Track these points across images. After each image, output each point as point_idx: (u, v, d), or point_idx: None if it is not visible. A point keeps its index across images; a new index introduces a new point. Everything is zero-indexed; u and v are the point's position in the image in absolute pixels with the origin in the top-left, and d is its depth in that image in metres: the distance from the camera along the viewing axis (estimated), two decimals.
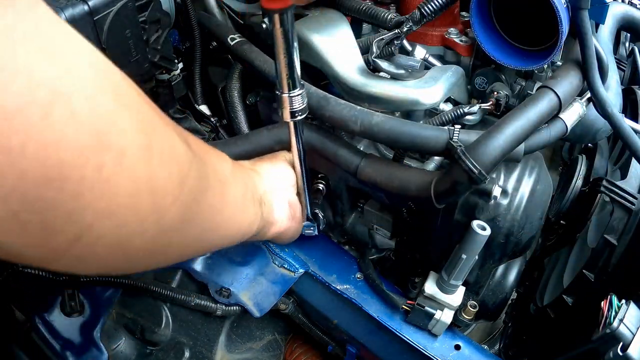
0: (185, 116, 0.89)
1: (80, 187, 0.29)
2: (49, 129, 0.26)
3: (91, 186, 0.29)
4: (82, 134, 0.28)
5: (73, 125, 0.27)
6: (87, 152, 0.28)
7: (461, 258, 0.68)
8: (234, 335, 1.03)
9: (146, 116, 0.36)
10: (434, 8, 0.71)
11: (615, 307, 0.62)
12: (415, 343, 0.78)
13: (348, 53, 0.75)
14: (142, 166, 0.34)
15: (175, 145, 0.39)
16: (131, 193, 0.33)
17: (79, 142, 0.28)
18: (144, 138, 0.34)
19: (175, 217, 0.39)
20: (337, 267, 0.89)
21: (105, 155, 0.30)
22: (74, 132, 0.28)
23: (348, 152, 0.71)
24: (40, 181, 0.27)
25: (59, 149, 0.27)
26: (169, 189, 0.37)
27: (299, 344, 1.13)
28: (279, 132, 0.73)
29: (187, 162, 0.41)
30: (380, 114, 0.66)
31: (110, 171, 0.30)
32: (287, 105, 0.57)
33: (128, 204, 0.33)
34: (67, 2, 0.60)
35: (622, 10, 0.87)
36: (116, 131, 0.31)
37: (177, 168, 0.39)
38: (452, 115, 0.71)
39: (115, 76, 0.34)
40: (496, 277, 0.86)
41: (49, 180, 0.27)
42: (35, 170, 0.26)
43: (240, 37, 0.80)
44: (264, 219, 0.65)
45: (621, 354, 0.59)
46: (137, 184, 0.33)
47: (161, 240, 0.40)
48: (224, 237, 0.56)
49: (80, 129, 0.28)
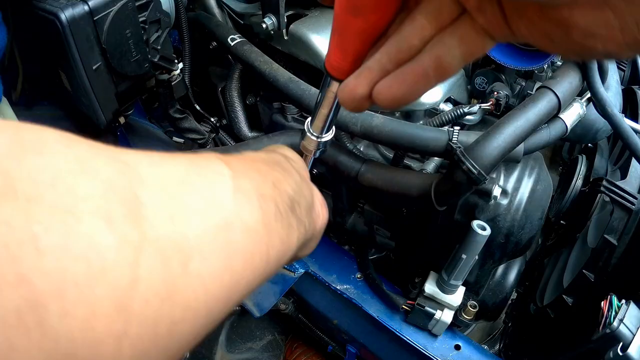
0: (185, 116, 0.89)
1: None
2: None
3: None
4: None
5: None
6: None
7: (461, 258, 0.68)
8: (234, 335, 1.03)
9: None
10: None
11: (615, 307, 0.62)
12: (415, 343, 0.78)
13: None
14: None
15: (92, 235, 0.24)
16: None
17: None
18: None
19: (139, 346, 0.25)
20: (337, 267, 0.89)
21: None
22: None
23: (348, 158, 0.71)
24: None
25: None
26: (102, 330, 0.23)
27: (299, 344, 1.13)
28: (280, 139, 0.73)
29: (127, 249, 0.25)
30: (381, 115, 0.66)
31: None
32: (314, 148, 0.57)
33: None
34: (67, 2, 0.60)
35: None
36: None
37: (108, 277, 0.24)
38: (452, 115, 0.71)
39: None
40: (496, 277, 0.86)
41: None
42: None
43: (240, 37, 0.80)
44: (304, 223, 0.45)
45: (621, 354, 0.59)
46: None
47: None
48: (240, 296, 0.34)
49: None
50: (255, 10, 0.87)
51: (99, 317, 0.23)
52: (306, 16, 0.80)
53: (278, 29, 0.77)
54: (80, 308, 0.22)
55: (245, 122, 0.92)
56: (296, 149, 0.72)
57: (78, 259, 0.22)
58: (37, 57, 0.71)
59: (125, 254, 0.24)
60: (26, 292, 0.20)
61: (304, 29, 0.77)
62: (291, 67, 0.83)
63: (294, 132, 0.74)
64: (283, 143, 0.72)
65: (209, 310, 0.30)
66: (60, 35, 0.60)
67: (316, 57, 0.76)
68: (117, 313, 0.23)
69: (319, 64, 0.76)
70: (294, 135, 0.73)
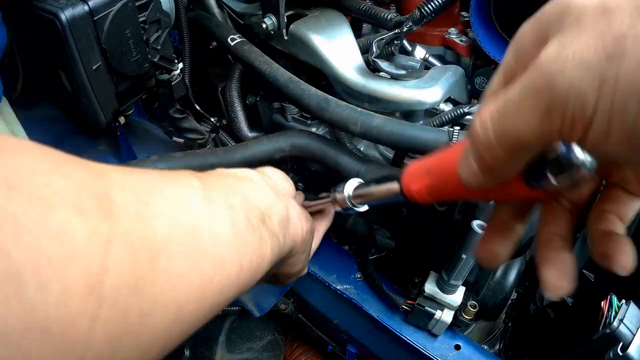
0: (185, 116, 0.89)
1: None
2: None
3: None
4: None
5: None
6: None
7: (461, 258, 0.68)
8: (234, 335, 1.03)
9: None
10: (433, 8, 0.71)
11: (615, 307, 0.62)
12: (415, 343, 0.78)
13: (348, 53, 0.75)
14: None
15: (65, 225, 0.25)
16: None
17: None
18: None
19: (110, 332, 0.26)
20: (337, 267, 0.89)
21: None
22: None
23: (349, 159, 0.71)
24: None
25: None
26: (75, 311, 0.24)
27: (299, 344, 1.13)
28: (280, 139, 0.72)
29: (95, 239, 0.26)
30: (381, 115, 0.66)
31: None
32: (342, 206, 0.58)
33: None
34: (67, 2, 0.60)
35: None
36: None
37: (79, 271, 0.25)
38: (452, 115, 0.71)
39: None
40: (496, 277, 0.86)
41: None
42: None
43: (240, 37, 0.80)
44: (278, 235, 0.44)
45: (621, 354, 0.59)
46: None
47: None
48: (212, 299, 0.34)
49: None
50: (255, 10, 0.87)
51: (72, 295, 0.24)
52: (306, 16, 0.80)
53: (278, 29, 0.77)
54: (55, 284, 0.23)
55: (245, 122, 0.92)
56: (296, 149, 0.72)
57: (52, 241, 0.24)
58: (37, 57, 0.71)
59: (95, 243, 0.26)
60: (5, 263, 0.22)
61: (304, 29, 0.77)
62: (291, 67, 0.83)
63: (294, 132, 0.74)
64: (283, 143, 0.72)
65: (179, 308, 0.31)
66: (60, 35, 0.60)
67: (316, 57, 0.76)
68: (88, 294, 0.25)
69: (319, 64, 0.76)
70: (294, 136, 0.73)
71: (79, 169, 0.28)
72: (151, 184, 0.33)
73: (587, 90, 0.23)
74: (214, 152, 0.69)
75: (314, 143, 0.72)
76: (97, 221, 0.26)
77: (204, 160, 0.68)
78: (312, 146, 0.72)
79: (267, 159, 0.71)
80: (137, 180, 0.32)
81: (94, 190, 0.28)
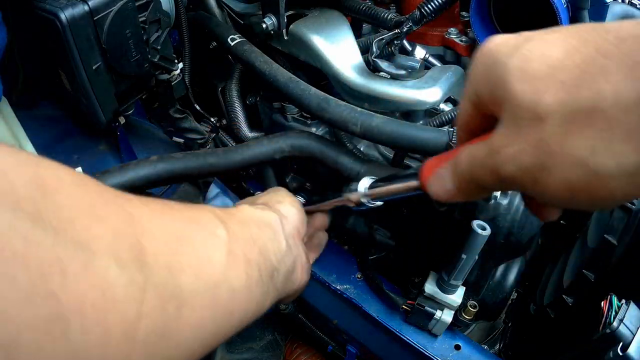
0: (185, 116, 0.89)
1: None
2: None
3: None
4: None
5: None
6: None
7: (461, 258, 0.68)
8: (233, 335, 1.03)
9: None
10: (433, 8, 0.71)
11: (615, 307, 0.62)
12: (415, 343, 0.78)
13: (348, 53, 0.75)
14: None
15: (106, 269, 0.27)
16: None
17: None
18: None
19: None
20: (337, 267, 0.89)
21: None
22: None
23: (349, 160, 0.71)
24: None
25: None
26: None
27: (299, 344, 1.13)
28: (280, 140, 0.72)
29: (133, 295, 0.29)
30: (381, 115, 0.66)
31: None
32: (355, 203, 0.60)
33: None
34: (67, 2, 0.60)
35: (621, 10, 0.87)
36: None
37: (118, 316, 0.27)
38: (452, 115, 0.71)
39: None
40: (496, 277, 0.86)
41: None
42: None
43: (240, 37, 0.80)
44: (278, 290, 0.49)
45: (621, 354, 0.59)
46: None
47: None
48: (217, 343, 0.40)
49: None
50: (255, 10, 0.87)
51: (111, 339, 0.26)
52: (306, 16, 0.80)
53: (278, 29, 0.77)
54: (97, 328, 0.25)
55: (245, 122, 0.92)
56: (296, 149, 0.72)
57: (95, 287, 0.26)
58: (37, 57, 0.71)
59: (132, 291, 0.28)
60: (54, 306, 0.24)
61: (304, 29, 0.77)
62: (291, 67, 0.83)
63: (294, 133, 0.74)
64: (283, 144, 0.72)
65: (193, 353, 0.35)
66: (60, 35, 0.60)
67: (316, 57, 0.76)
68: (124, 339, 0.27)
69: (319, 64, 0.76)
70: (294, 137, 0.73)
71: (114, 214, 0.30)
72: (180, 231, 0.37)
73: (523, 180, 0.31)
74: (214, 153, 0.69)
75: (313, 144, 0.72)
76: (133, 271, 0.29)
77: (204, 161, 0.68)
78: (312, 147, 0.72)
79: (267, 160, 0.71)
80: (167, 226, 0.35)
81: (128, 238, 0.30)
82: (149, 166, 0.66)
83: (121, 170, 0.66)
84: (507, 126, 0.31)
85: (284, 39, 0.79)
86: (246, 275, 0.42)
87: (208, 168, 0.68)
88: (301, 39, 0.77)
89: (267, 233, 0.49)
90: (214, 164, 0.68)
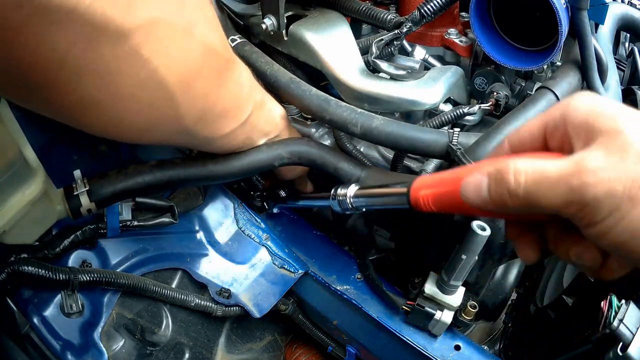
0: None
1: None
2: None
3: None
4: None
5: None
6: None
7: (461, 258, 0.68)
8: (234, 335, 1.02)
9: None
10: (433, 9, 0.71)
11: (615, 307, 0.62)
12: (415, 343, 0.78)
13: (348, 54, 0.75)
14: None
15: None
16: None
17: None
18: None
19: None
20: (337, 267, 0.89)
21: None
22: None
23: (348, 165, 0.71)
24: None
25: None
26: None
27: (299, 344, 1.13)
28: (279, 147, 0.72)
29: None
30: (381, 117, 0.66)
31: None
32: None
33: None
34: None
35: (621, 11, 0.87)
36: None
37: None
38: (451, 116, 0.71)
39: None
40: (496, 277, 0.86)
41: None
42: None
43: (240, 37, 0.80)
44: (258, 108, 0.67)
45: (621, 354, 0.59)
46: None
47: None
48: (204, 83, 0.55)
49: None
50: (255, 10, 0.87)
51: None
52: (306, 17, 0.80)
53: (278, 30, 0.77)
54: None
55: None
56: (295, 156, 0.72)
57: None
58: None
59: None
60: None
61: (303, 29, 0.77)
62: (291, 68, 0.83)
63: (293, 139, 0.74)
64: (282, 151, 0.71)
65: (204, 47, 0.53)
66: None
67: (316, 57, 0.76)
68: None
69: (319, 64, 0.76)
70: (293, 144, 0.73)
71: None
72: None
73: (603, 207, 0.32)
74: (213, 159, 0.68)
75: (313, 150, 0.72)
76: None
77: (202, 168, 0.68)
78: (312, 153, 0.72)
79: (266, 167, 0.71)
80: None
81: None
82: (146, 172, 0.66)
83: (118, 176, 0.66)
84: (608, 155, 0.33)
85: (283, 40, 0.79)
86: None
87: (206, 174, 0.68)
88: (301, 40, 0.77)
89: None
90: (212, 171, 0.68)
